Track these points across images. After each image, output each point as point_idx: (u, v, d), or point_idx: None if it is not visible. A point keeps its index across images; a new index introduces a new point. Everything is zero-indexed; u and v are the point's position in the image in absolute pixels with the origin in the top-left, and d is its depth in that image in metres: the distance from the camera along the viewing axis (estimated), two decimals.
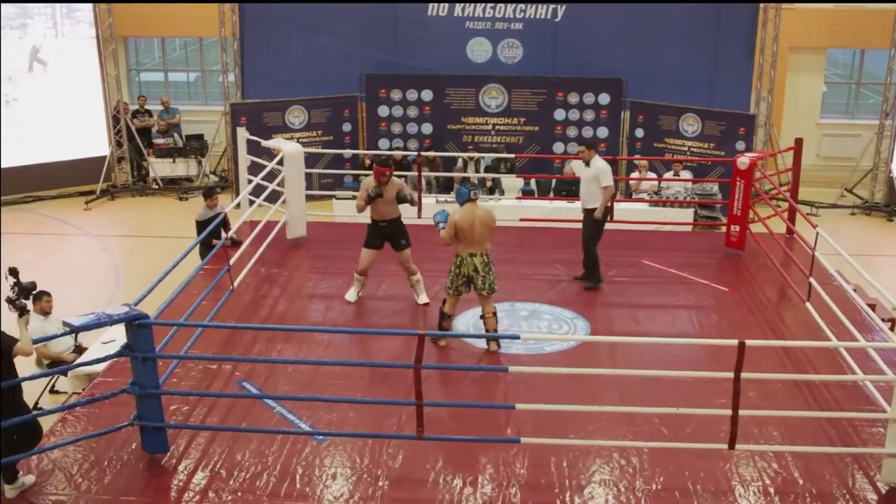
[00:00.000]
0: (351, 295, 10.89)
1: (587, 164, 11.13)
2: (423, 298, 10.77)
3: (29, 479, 7.25)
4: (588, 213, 11.19)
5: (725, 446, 7.33)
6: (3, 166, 17.94)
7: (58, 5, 18.54)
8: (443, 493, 7.24)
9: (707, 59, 17.54)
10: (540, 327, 10.38)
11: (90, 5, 18.65)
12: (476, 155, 16.80)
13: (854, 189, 18.65)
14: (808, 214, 11.52)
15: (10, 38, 18.10)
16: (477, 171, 16.69)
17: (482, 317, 9.73)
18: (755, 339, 8.11)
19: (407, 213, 10.81)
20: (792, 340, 9.78)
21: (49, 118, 18.55)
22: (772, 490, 7.31)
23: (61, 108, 18.67)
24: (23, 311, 6.97)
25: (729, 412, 7.21)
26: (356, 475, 7.46)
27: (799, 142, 13.01)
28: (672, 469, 7.52)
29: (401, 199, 10.42)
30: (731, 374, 7.08)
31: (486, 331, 9.68)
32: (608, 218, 11.40)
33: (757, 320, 10.53)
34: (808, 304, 10.36)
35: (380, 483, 7.36)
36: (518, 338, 8.87)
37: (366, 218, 10.71)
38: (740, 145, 16.83)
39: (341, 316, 10.56)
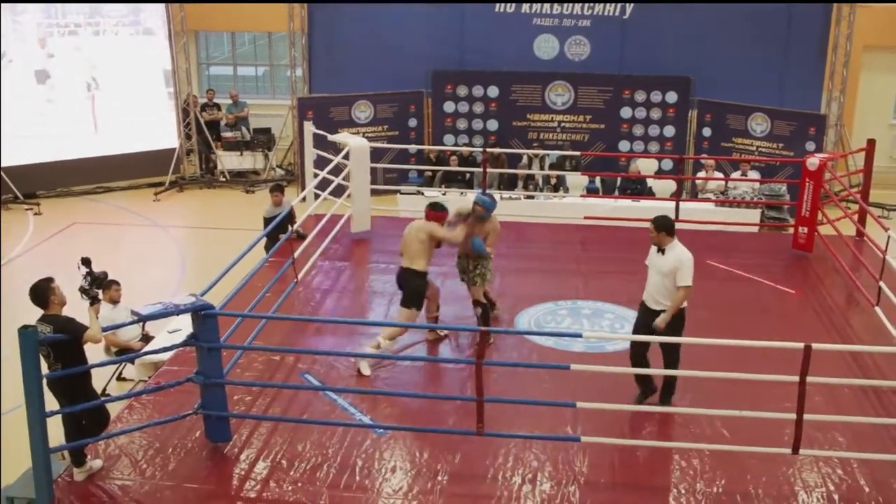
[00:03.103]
0: (366, 368, 9.08)
1: (661, 250, 8.23)
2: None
3: (96, 463, 7.41)
4: (651, 313, 8.26)
5: (789, 451, 7.24)
6: (76, 157, 18.42)
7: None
8: (501, 490, 7.24)
9: (777, 58, 17.32)
10: (602, 326, 10.33)
11: None
12: (541, 152, 16.76)
13: None
14: (879, 217, 11.29)
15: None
16: (542, 168, 16.65)
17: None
18: (822, 343, 7.97)
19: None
20: (860, 345, 9.62)
21: (122, 110, 18.94)
22: (836, 497, 7.19)
23: (133, 100, 19.05)
24: (94, 300, 7.11)
25: (793, 416, 7.11)
26: (415, 469, 7.49)
27: (871, 143, 12.77)
28: (734, 472, 7.44)
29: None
30: (796, 378, 6.99)
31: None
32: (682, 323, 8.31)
33: (824, 324, 10.37)
34: (877, 309, 10.17)
35: (439, 478, 7.38)
36: (580, 336, 8.84)
37: None
38: (810, 146, 16.58)
39: None
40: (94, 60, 18.63)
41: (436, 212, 9.49)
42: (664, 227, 8.19)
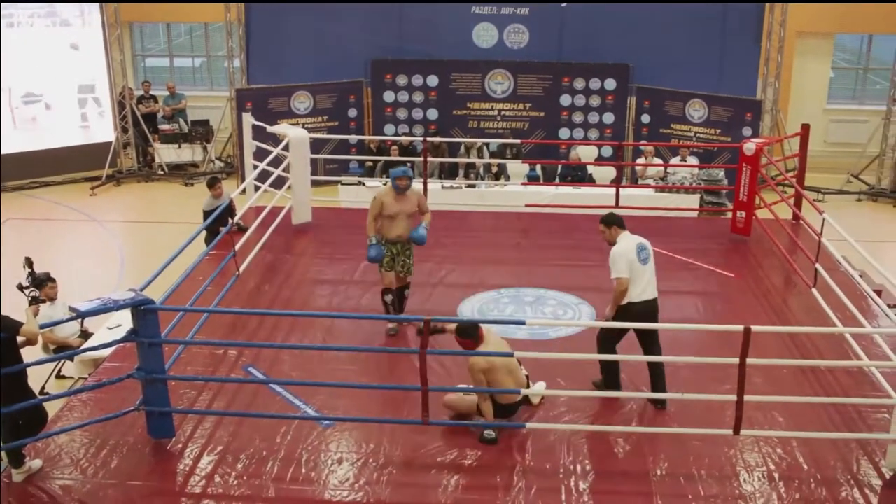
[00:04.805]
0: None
1: (612, 245, 8.45)
2: None
3: (36, 463, 7.29)
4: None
5: (730, 432, 7.33)
6: (10, 152, 17.99)
7: None
8: (448, 478, 7.24)
9: (714, 45, 17.50)
10: (545, 313, 10.38)
11: None
12: (481, 141, 16.77)
13: (861, 175, 18.59)
14: (814, 200, 11.49)
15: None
16: (482, 156, 16.66)
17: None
18: (761, 325, 8.09)
19: None
20: (797, 326, 9.77)
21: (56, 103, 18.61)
22: (776, 475, 7.31)
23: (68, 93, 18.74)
24: (34, 300, 6.97)
25: (734, 398, 7.21)
26: (361, 460, 7.47)
27: (806, 127, 12.97)
28: (677, 454, 7.52)
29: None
30: (736, 360, 7.08)
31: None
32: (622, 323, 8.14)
33: (762, 306, 10.51)
34: (813, 290, 10.33)
35: (385, 468, 7.37)
36: (523, 323, 8.85)
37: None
38: (747, 131, 16.78)
39: (346, 301, 10.56)
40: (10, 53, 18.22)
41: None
42: (604, 221, 8.47)
